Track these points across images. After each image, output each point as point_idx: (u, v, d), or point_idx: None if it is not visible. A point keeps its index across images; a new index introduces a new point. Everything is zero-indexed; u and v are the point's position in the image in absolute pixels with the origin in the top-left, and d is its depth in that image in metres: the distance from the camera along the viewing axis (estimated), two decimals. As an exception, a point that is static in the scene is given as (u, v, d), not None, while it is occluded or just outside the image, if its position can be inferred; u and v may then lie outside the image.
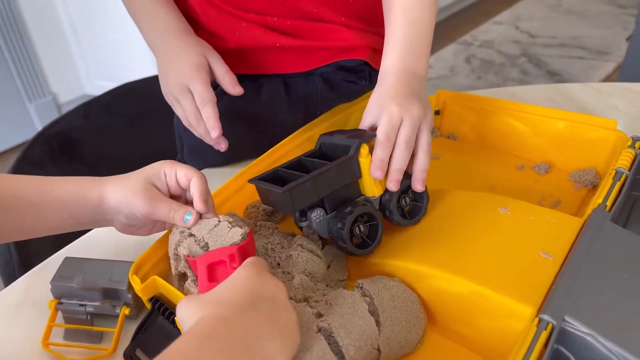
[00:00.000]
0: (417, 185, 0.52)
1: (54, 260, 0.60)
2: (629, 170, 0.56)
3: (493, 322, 0.45)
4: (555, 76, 2.52)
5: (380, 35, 0.77)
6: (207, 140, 0.65)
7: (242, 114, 0.76)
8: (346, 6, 0.70)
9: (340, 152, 0.52)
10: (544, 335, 0.40)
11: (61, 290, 0.52)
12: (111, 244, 0.61)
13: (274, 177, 0.52)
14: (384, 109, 0.52)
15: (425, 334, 0.48)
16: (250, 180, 0.52)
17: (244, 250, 0.45)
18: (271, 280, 0.39)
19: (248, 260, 0.42)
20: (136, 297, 0.51)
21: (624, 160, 0.56)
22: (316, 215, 0.51)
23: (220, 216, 0.48)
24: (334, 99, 0.77)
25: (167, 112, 0.83)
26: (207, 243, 0.46)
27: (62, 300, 0.52)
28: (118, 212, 0.48)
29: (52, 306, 0.52)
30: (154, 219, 0.48)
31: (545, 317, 0.41)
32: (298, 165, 0.53)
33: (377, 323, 0.45)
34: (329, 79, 0.76)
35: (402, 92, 0.54)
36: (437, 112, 0.72)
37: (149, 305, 0.49)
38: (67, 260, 0.53)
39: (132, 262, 0.50)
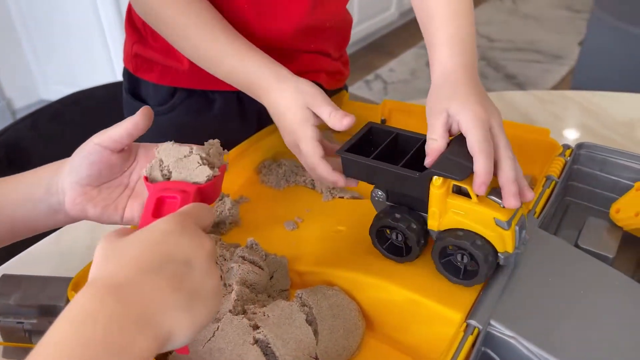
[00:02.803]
0: (510, 201, 0.44)
1: (-7, 277, 0.58)
2: (559, 177, 0.58)
3: (426, 327, 0.47)
4: (512, 79, 2.60)
5: (335, 59, 0.77)
6: None
7: (192, 129, 0.76)
8: (309, 36, 0.70)
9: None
10: (470, 339, 0.42)
11: (-2, 307, 0.51)
12: (50, 260, 0.60)
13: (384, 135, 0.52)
14: (464, 111, 0.47)
15: (364, 341, 0.49)
16: (370, 122, 0.53)
17: (205, 193, 0.42)
18: (192, 240, 0.33)
19: (181, 210, 0.36)
20: (76, 313, 0.50)
21: (554, 168, 0.59)
22: (376, 193, 0.51)
23: (194, 147, 0.43)
24: None
25: (118, 122, 0.82)
26: (170, 172, 0.42)
27: None
28: (78, 160, 0.46)
29: (-10, 324, 0.51)
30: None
31: (472, 322, 0.43)
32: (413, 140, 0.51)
33: (315, 332, 0.46)
34: None
35: (473, 90, 0.50)
36: (383, 122, 0.74)
37: (88, 321, 0.48)
38: (4, 277, 0.52)
39: (71, 277, 0.49)
